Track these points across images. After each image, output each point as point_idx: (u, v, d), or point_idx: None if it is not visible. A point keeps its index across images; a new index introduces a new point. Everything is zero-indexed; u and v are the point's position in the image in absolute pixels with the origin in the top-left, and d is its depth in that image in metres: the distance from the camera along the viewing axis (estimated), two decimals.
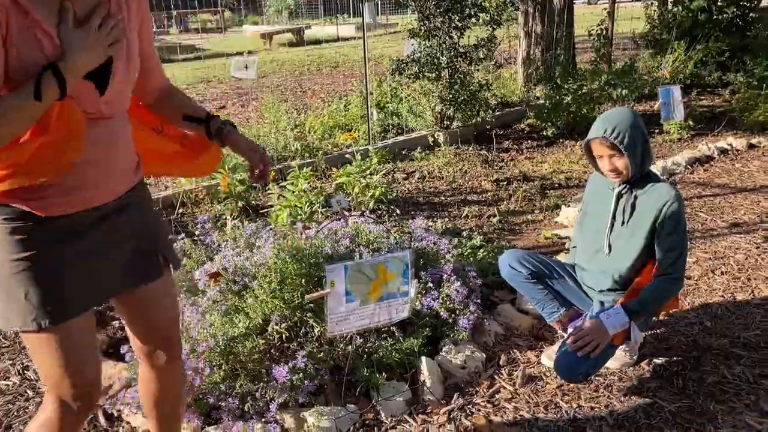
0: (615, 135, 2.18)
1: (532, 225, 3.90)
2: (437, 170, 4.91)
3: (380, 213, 3.90)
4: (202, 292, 2.60)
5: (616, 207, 2.35)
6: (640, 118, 2.26)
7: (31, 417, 2.30)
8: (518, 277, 2.51)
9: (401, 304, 2.11)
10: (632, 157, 2.21)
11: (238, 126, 5.71)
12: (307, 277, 2.53)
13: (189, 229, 3.78)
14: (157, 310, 1.65)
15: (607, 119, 2.23)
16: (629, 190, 2.33)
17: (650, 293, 2.23)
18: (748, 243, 3.52)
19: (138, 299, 1.61)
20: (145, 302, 1.62)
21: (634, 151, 2.21)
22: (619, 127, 2.19)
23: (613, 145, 2.21)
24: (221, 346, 2.24)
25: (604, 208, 2.40)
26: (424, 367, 2.40)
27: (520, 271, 2.49)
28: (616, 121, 2.20)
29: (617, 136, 2.18)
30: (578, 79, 5.79)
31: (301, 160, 4.81)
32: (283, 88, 8.67)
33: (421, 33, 5.45)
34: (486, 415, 2.26)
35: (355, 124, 5.88)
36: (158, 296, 1.63)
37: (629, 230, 2.33)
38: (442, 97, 5.47)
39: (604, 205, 2.41)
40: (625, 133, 2.18)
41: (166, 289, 1.66)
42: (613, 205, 2.35)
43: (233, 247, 2.84)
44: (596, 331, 2.20)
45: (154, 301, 1.63)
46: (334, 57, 11.84)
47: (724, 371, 2.43)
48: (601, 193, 2.44)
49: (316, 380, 2.26)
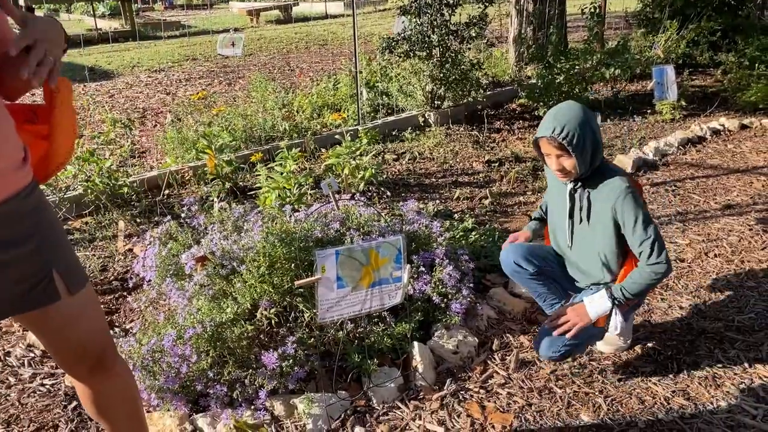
0: (564, 135, 2.06)
1: (525, 207, 3.85)
2: (428, 151, 4.84)
3: (370, 195, 3.84)
4: (189, 276, 2.54)
5: (572, 205, 2.27)
6: (590, 114, 2.14)
7: (13, 405, 2.25)
8: (523, 274, 2.40)
9: (394, 290, 2.06)
10: (581, 157, 2.10)
11: (225, 106, 5.53)
12: (297, 261, 2.47)
13: (175, 211, 3.71)
14: (72, 331, 1.42)
15: (556, 117, 2.10)
16: (582, 186, 2.23)
17: (634, 281, 2.11)
18: (741, 225, 3.50)
19: (40, 321, 1.38)
20: (51, 324, 1.39)
21: (583, 151, 2.09)
22: (568, 126, 2.06)
23: (560, 145, 2.09)
24: (209, 332, 2.18)
25: (562, 203, 2.32)
26: (416, 352, 2.36)
27: (525, 269, 2.38)
28: (565, 120, 2.07)
29: (566, 136, 2.06)
30: (571, 58, 5.71)
31: (289, 141, 4.72)
32: (270, 66, 8.52)
33: (412, 10, 5.33)
34: (479, 401, 2.22)
35: (345, 103, 5.78)
36: (66, 318, 1.39)
37: (590, 228, 2.25)
38: (433, 76, 5.38)
39: (561, 200, 2.32)
40: (575, 133, 2.06)
41: (77, 310, 1.41)
42: (569, 204, 2.27)
43: (220, 230, 2.77)
44: (577, 312, 2.17)
45: (62, 323, 1.39)
46: (323, 35, 11.65)
47: (719, 355, 2.41)
48: (557, 186, 2.34)
49: (307, 366, 2.21)
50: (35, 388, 2.34)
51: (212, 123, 4.87)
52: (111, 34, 10.99)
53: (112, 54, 9.64)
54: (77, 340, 1.44)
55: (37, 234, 1.31)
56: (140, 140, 5.30)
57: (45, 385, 2.35)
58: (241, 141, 4.71)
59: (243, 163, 4.34)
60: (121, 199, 3.88)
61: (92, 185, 3.76)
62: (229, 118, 5.03)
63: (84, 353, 1.47)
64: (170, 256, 2.72)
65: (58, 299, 1.35)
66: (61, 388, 2.33)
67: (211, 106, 5.83)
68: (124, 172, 4.05)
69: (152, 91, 7.16)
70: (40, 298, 1.33)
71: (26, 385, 2.36)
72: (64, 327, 1.41)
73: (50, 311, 1.36)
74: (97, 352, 1.49)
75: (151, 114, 6.14)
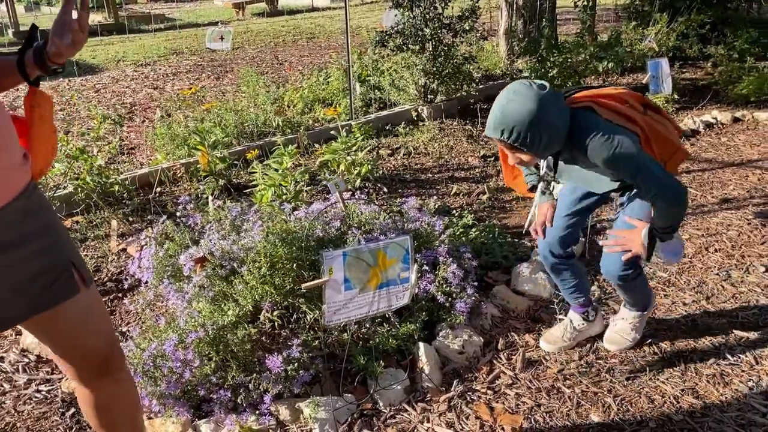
0: (513, 138, 1.83)
1: (522, 202, 3.82)
2: (422, 146, 4.79)
3: (367, 191, 3.79)
4: (188, 277, 2.48)
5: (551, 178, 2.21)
6: (546, 100, 1.81)
7: (9, 412, 2.18)
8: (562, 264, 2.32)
9: (401, 291, 2.01)
10: (537, 150, 1.88)
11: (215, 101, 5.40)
12: (298, 261, 2.42)
13: (168, 209, 3.63)
14: (83, 330, 1.42)
15: (504, 117, 1.83)
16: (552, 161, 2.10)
17: (660, 215, 1.96)
18: (740, 219, 3.50)
19: (51, 322, 1.37)
20: (63, 323, 1.38)
21: (540, 145, 1.86)
22: (518, 127, 1.80)
23: (512, 146, 1.89)
24: (211, 336, 2.13)
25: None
26: (422, 353, 2.32)
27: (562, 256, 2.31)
28: (513, 120, 1.81)
29: (516, 138, 1.83)
30: (563, 52, 5.68)
31: (282, 136, 4.65)
32: (258, 60, 8.41)
33: (405, 3, 5.27)
34: (487, 402, 2.19)
35: (336, 98, 5.71)
36: (79, 315, 1.40)
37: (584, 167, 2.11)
38: (426, 70, 5.32)
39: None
40: (526, 134, 1.81)
41: (88, 306, 1.42)
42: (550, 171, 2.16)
43: (218, 229, 2.70)
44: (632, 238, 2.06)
45: (74, 320, 1.39)
46: (310, 28, 11.53)
47: (725, 352, 2.40)
48: None
49: (312, 370, 2.16)
50: (31, 395, 2.27)
51: (204, 119, 4.78)
52: (95, 28, 10.79)
53: (97, 48, 9.47)
54: (87, 340, 1.44)
55: (52, 228, 1.34)
56: (129, 136, 5.20)
57: (41, 392, 2.28)
58: (233, 137, 4.64)
59: (236, 159, 4.26)
60: (112, 197, 3.79)
61: (83, 183, 3.67)
62: (220, 113, 4.94)
63: (92, 353, 1.46)
64: (167, 257, 2.65)
65: (77, 292, 1.37)
66: (58, 395, 2.26)
67: (200, 101, 5.74)
68: (115, 169, 3.97)
69: (139, 85, 7.03)
70: (62, 292, 1.34)
71: (22, 391, 2.29)
72: (76, 325, 1.40)
73: (64, 309, 1.36)
74: (106, 351, 1.49)
75: (139, 109, 6.03)
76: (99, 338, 1.47)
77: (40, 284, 1.30)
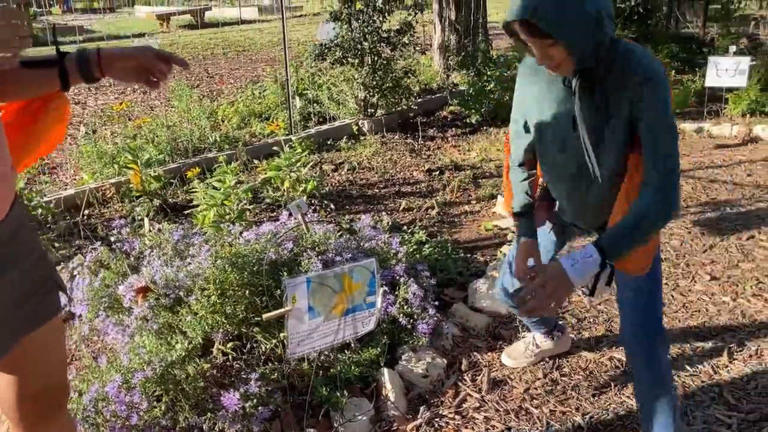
0: (540, 15, 1.44)
1: (471, 216, 3.79)
2: (366, 160, 4.70)
3: (314, 208, 3.66)
4: (128, 309, 2.27)
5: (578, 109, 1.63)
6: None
7: None
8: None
9: (367, 316, 1.90)
10: (571, 44, 1.47)
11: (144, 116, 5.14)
12: (251, 287, 2.27)
13: (99, 233, 3.38)
14: (45, 358, 1.29)
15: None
16: (583, 78, 1.59)
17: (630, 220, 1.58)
18: (680, 228, 3.59)
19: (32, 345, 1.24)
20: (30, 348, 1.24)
21: (574, 33, 1.46)
22: (544, 4, 1.43)
23: (538, 30, 1.47)
24: (158, 374, 1.95)
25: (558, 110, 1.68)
26: (386, 379, 2.21)
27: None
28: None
29: (542, 17, 1.44)
30: (500, 65, 5.75)
31: (219, 152, 4.46)
32: (187, 73, 8.11)
33: (343, 17, 5.19)
34: (456, 429, 2.10)
35: (273, 112, 5.55)
36: (48, 339, 1.27)
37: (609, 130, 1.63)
38: (365, 83, 5.26)
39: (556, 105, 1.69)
40: (553, 12, 1.43)
41: (56, 331, 1.31)
42: (575, 107, 1.63)
43: (159, 255, 2.51)
44: (556, 280, 1.52)
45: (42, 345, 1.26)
46: (239, 40, 11.28)
47: (683, 363, 2.42)
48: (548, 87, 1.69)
49: (271, 405, 2.01)
50: None
51: (137, 135, 4.51)
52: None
53: None
54: (45, 371, 1.31)
55: (37, 242, 1.26)
56: (50, 155, 4.85)
57: None
58: (167, 153, 4.40)
59: (172, 177, 4.04)
60: (34, 221, 3.49)
61: None
62: (152, 129, 4.69)
63: (46, 388, 1.32)
64: (104, 287, 2.44)
65: (60, 310, 1.28)
66: None
67: (127, 117, 5.44)
68: (37, 191, 3.66)
69: None
70: (49, 310, 1.25)
71: None
72: (40, 352, 1.27)
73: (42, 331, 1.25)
74: (59, 386, 1.37)
75: None
76: (56, 369, 1.35)
77: (28, 305, 1.20)
